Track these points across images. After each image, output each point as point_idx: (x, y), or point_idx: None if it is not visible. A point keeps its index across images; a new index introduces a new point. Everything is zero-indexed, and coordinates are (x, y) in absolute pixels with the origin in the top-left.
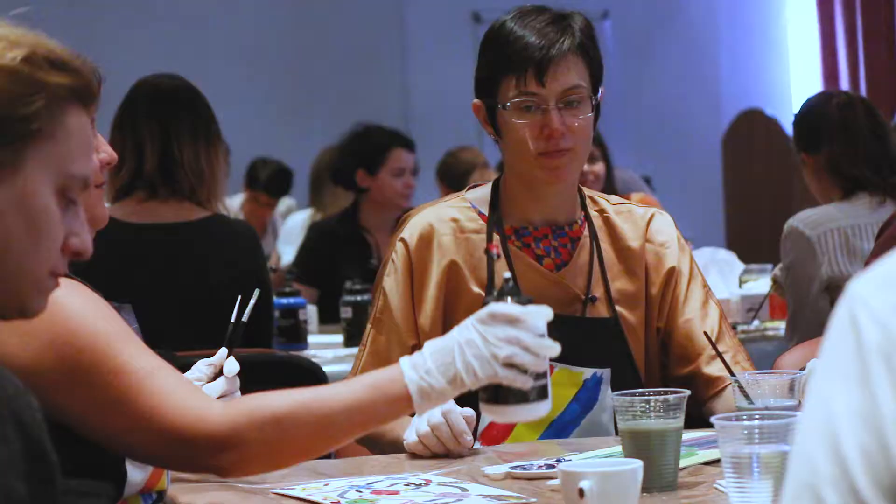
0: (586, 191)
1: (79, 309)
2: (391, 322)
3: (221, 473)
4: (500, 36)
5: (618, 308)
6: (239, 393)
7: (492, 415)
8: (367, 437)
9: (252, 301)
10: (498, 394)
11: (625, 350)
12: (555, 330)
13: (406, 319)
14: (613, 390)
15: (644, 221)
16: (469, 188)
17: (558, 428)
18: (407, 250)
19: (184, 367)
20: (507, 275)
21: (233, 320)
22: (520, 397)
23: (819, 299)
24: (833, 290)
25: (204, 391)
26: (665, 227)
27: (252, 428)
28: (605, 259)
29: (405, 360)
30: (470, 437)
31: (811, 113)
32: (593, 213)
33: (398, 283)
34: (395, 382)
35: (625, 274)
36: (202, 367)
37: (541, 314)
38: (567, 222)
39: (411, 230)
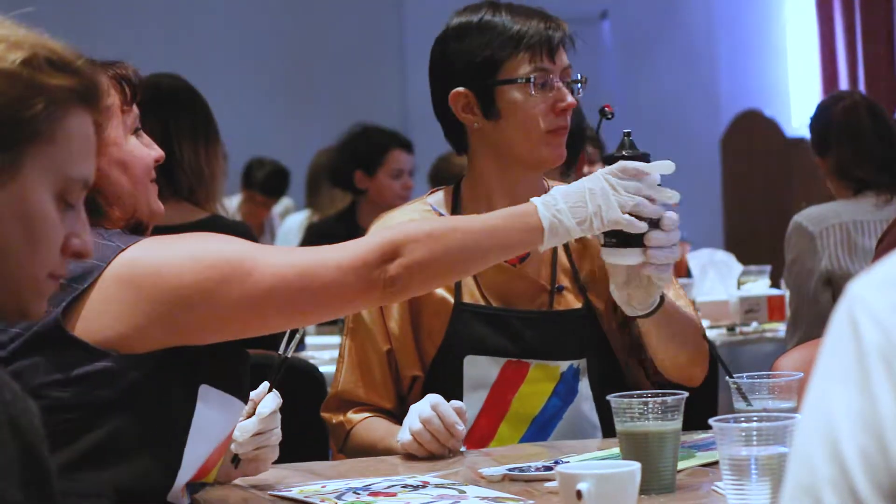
0: (549, 182)
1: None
2: (364, 330)
3: (388, 285)
4: (493, 23)
5: (588, 295)
6: (279, 431)
7: (610, 257)
8: (361, 449)
9: (297, 337)
10: (618, 237)
11: (599, 337)
12: (524, 326)
13: (377, 325)
14: (591, 379)
15: None
16: (431, 192)
17: (541, 424)
18: None
19: None
20: (627, 130)
21: (280, 351)
22: (635, 241)
23: (820, 294)
24: (834, 284)
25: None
26: None
27: (410, 239)
28: (570, 247)
29: (537, 200)
30: (462, 427)
31: (818, 118)
32: None
33: None
34: (529, 215)
35: (588, 260)
36: (247, 426)
37: (662, 167)
38: None
39: None
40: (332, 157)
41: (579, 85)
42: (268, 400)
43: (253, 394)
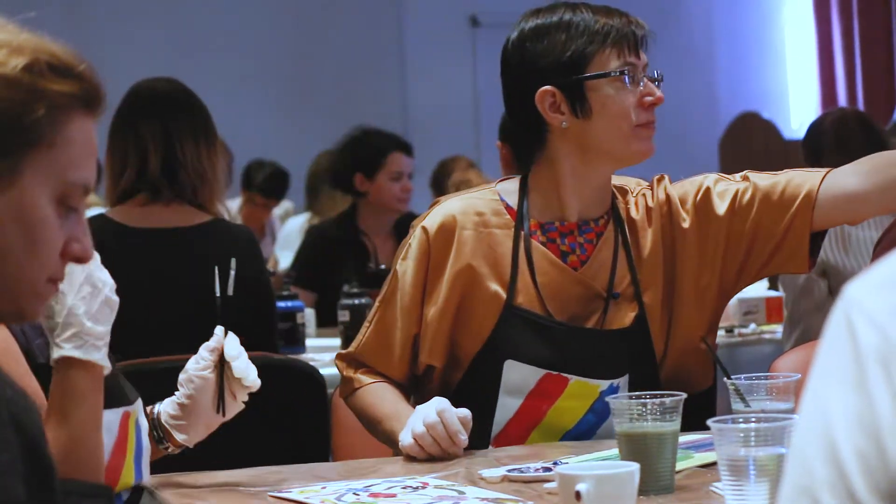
0: (615, 180)
1: None
2: (397, 307)
3: None
4: (575, 21)
5: (644, 299)
6: (253, 369)
7: None
8: (363, 414)
9: (232, 272)
10: None
11: (644, 353)
12: (570, 340)
13: (413, 307)
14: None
15: (663, 197)
16: (500, 180)
17: (573, 438)
18: (427, 239)
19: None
20: None
21: (217, 294)
22: None
23: (814, 284)
24: (829, 276)
25: None
26: (660, 194)
27: None
28: (630, 250)
29: None
30: (464, 437)
31: (810, 133)
32: (620, 205)
33: (412, 270)
34: None
35: (646, 263)
36: (205, 354)
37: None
38: (594, 217)
39: (434, 219)
40: (331, 160)
41: (659, 81)
42: (231, 341)
43: (212, 342)
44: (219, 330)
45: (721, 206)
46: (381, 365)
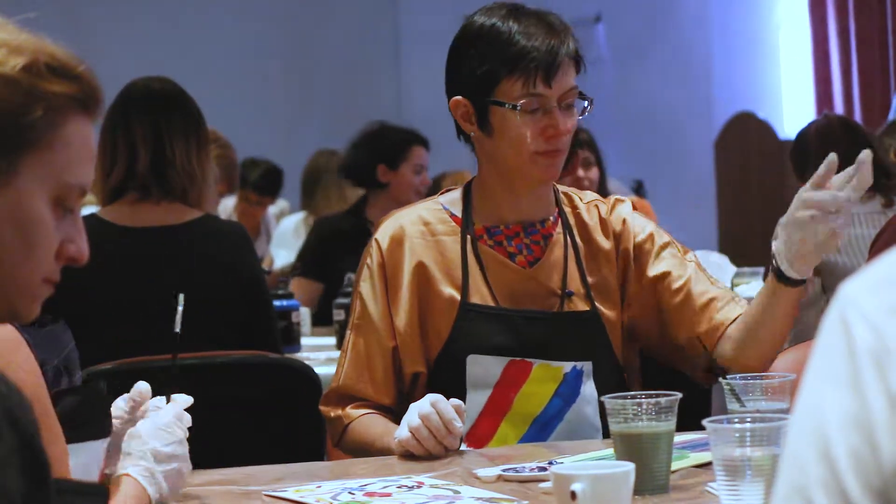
0: (561, 188)
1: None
2: (370, 326)
3: None
4: (499, 35)
5: (596, 303)
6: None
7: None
8: (357, 445)
9: (180, 308)
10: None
11: (605, 342)
12: (529, 326)
13: (384, 322)
14: (595, 382)
15: (607, 214)
16: (442, 192)
17: (542, 424)
18: (380, 252)
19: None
20: None
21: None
22: None
23: (807, 284)
24: (822, 273)
25: None
26: (621, 213)
27: None
28: (580, 253)
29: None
30: (460, 424)
31: (796, 143)
32: (567, 210)
33: (373, 286)
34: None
35: (598, 268)
36: (121, 404)
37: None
38: (540, 220)
39: (383, 232)
40: (349, 153)
41: (586, 103)
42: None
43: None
44: (142, 386)
45: (652, 270)
46: (366, 390)
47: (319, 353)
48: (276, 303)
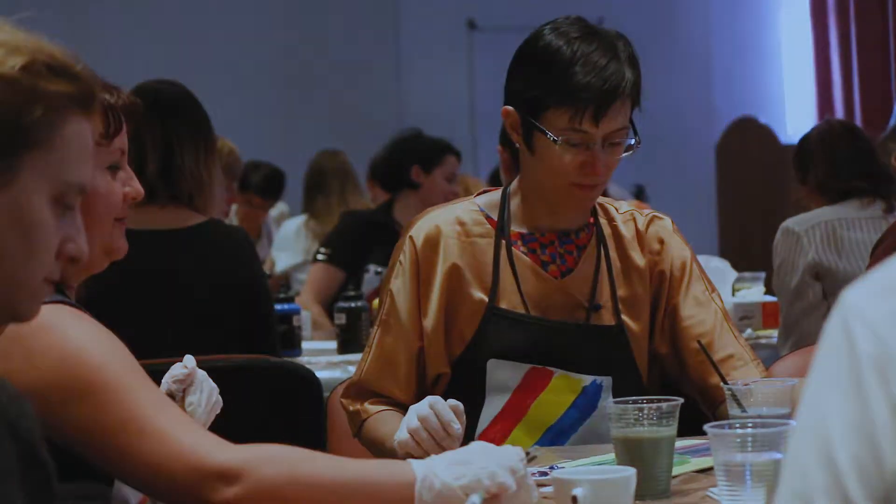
0: (598, 199)
1: (87, 338)
2: (398, 324)
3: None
4: (559, 63)
5: (623, 317)
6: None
7: None
8: (371, 442)
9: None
10: None
11: (628, 358)
12: (556, 335)
13: (412, 322)
14: (615, 397)
15: (644, 229)
16: (479, 193)
17: (555, 433)
18: (414, 251)
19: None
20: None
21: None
22: None
23: (807, 288)
24: (822, 279)
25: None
26: (660, 232)
27: (263, 464)
28: (612, 267)
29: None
30: (458, 426)
31: (798, 149)
32: (602, 222)
33: (405, 284)
34: (403, 468)
35: (630, 282)
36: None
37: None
38: (575, 230)
39: (418, 231)
40: (382, 155)
41: (633, 140)
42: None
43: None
44: (190, 361)
45: (680, 305)
46: (387, 388)
47: (321, 358)
48: (277, 306)
